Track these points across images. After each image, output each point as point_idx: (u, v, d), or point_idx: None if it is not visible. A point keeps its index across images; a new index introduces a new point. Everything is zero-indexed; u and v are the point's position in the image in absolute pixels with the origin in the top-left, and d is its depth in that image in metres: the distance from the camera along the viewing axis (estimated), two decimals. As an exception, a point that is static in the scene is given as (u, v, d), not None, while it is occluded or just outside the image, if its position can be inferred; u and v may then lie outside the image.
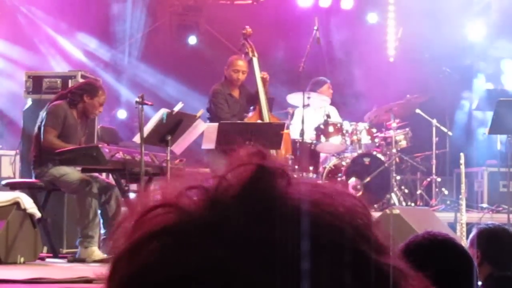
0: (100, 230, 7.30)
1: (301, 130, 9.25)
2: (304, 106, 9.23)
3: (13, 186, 7.47)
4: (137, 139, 7.20)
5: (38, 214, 7.02)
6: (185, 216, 0.71)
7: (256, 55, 9.00)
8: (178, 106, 7.58)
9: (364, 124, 10.00)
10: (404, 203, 10.02)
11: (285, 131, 8.59)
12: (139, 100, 7.11)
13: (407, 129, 10.31)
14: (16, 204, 6.84)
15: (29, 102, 8.33)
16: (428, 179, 10.70)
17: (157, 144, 7.50)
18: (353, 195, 0.77)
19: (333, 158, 9.99)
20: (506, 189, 9.59)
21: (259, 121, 8.68)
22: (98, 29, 12.41)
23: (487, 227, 3.79)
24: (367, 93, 11.72)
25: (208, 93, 8.99)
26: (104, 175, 7.87)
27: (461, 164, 8.20)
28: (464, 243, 5.06)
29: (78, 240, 7.14)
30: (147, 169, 7.11)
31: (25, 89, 8.39)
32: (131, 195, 7.36)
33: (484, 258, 3.49)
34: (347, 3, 12.47)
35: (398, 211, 7.56)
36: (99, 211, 7.24)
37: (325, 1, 12.41)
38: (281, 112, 10.05)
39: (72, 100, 7.39)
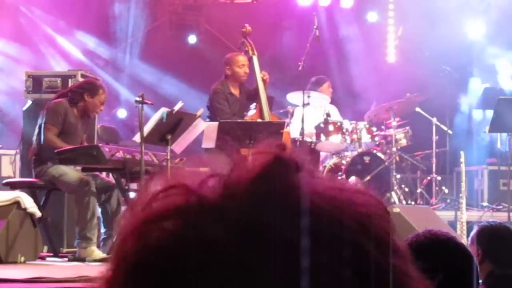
0: (100, 230, 7.30)
1: (301, 129, 9.24)
2: (304, 105, 9.22)
3: (13, 186, 7.47)
4: (137, 138, 7.20)
5: (38, 214, 7.02)
6: (193, 198, 0.73)
7: (256, 54, 8.98)
8: (178, 105, 7.57)
9: (364, 123, 9.99)
10: (404, 202, 10.03)
11: (285, 130, 8.58)
12: (139, 99, 7.11)
13: (407, 128, 10.31)
14: (16, 204, 6.84)
15: (29, 102, 8.33)
16: (428, 178, 10.70)
17: (157, 143, 7.50)
18: (373, 196, 0.76)
19: (333, 157, 9.99)
20: (506, 188, 9.60)
21: (260, 120, 8.67)
22: (98, 28, 12.41)
23: (488, 225, 3.79)
24: (367, 92, 11.72)
25: (208, 92, 8.98)
26: (104, 174, 7.86)
27: (461, 163, 8.20)
28: (465, 242, 5.05)
29: (76, 241, 7.14)
30: (147, 168, 7.10)
31: (25, 89, 8.38)
32: (131, 194, 7.36)
33: (485, 256, 3.49)
34: (347, 2, 12.46)
35: (399, 210, 7.56)
36: (100, 210, 7.24)
37: (325, 0, 12.40)
38: (281, 111, 10.04)
39: (73, 99, 7.38)
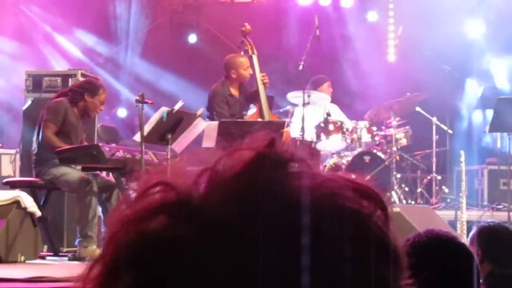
0: (101, 229, 7.30)
1: (302, 129, 9.24)
2: (304, 105, 9.22)
3: (13, 185, 7.46)
4: (138, 138, 7.20)
5: (39, 213, 7.02)
6: (183, 194, 0.73)
7: (256, 53, 8.97)
8: (179, 105, 7.57)
9: (364, 122, 9.99)
10: (405, 201, 10.03)
11: (285, 130, 8.58)
12: (139, 99, 7.11)
13: (407, 127, 10.31)
14: (16, 203, 6.84)
15: (29, 101, 8.33)
16: (429, 177, 10.70)
17: (158, 143, 7.50)
18: (362, 186, 0.77)
19: (334, 156, 9.99)
20: (506, 187, 9.59)
21: (260, 120, 8.67)
22: (98, 27, 12.40)
23: (488, 225, 3.79)
24: (367, 92, 11.72)
25: (208, 91, 8.96)
26: (105, 174, 7.86)
27: (462, 162, 8.20)
28: (465, 241, 5.05)
29: (77, 240, 7.13)
30: (148, 168, 7.09)
31: (25, 88, 8.38)
32: (132, 194, 7.35)
33: (485, 256, 3.49)
34: (347, 1, 12.45)
35: (399, 209, 7.57)
36: (100, 209, 7.24)
37: (325, -1, 12.40)
38: (281, 111, 10.04)
39: (73, 99, 7.38)
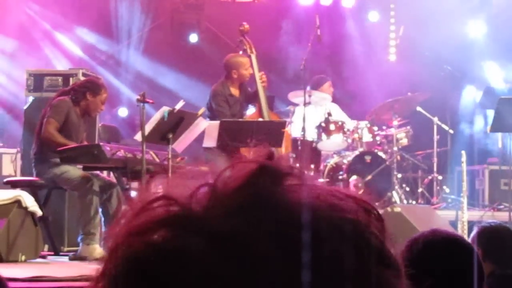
0: (102, 228, 7.30)
1: (303, 128, 9.24)
2: (305, 104, 9.22)
3: (14, 184, 7.47)
4: (138, 137, 7.20)
5: (39, 212, 7.02)
6: (184, 209, 0.73)
7: (254, 52, 8.96)
8: (180, 104, 7.57)
9: (365, 122, 10.00)
10: (406, 201, 10.03)
11: (287, 129, 8.58)
12: (140, 98, 7.11)
13: (408, 127, 10.31)
14: (17, 202, 6.84)
15: (30, 100, 8.33)
16: (429, 177, 10.70)
17: (159, 142, 7.50)
18: (362, 200, 0.76)
19: (334, 156, 9.99)
20: (507, 187, 9.58)
21: (260, 119, 8.67)
22: (99, 26, 12.40)
23: (489, 226, 3.79)
24: (368, 91, 11.72)
25: (209, 91, 8.96)
26: (105, 173, 7.87)
27: (463, 162, 8.20)
28: (466, 241, 5.05)
29: (80, 237, 7.13)
30: (149, 167, 7.10)
31: (26, 87, 8.39)
32: (132, 193, 7.36)
33: (486, 257, 3.48)
34: (348, 1, 12.45)
35: (400, 209, 7.57)
36: (100, 209, 7.24)
37: (326, -1, 12.40)
38: (282, 110, 10.05)
39: (75, 98, 7.38)
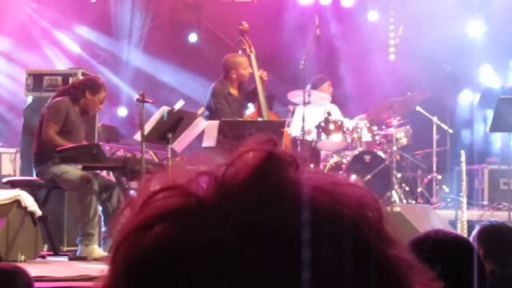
0: (101, 228, 7.30)
1: (302, 128, 9.25)
2: (305, 104, 9.22)
3: (14, 184, 7.47)
4: (138, 137, 7.20)
5: (39, 212, 7.02)
6: (192, 199, 0.71)
7: (253, 52, 8.96)
8: (179, 104, 7.58)
9: (365, 122, 10.00)
10: (405, 201, 10.03)
11: (287, 129, 8.58)
12: (140, 98, 7.11)
13: (408, 127, 10.32)
14: (17, 202, 6.83)
15: (30, 100, 8.33)
16: (429, 177, 10.70)
17: (158, 142, 7.50)
18: (362, 187, 0.76)
19: (334, 156, 9.99)
20: (507, 187, 9.59)
21: (260, 119, 8.67)
22: (98, 26, 12.40)
23: (490, 225, 3.78)
24: (368, 91, 11.72)
25: (209, 90, 8.95)
26: (105, 173, 7.86)
27: (462, 162, 8.20)
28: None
29: (79, 239, 7.13)
30: (148, 167, 7.10)
31: (26, 87, 8.39)
32: (132, 193, 7.36)
33: (487, 256, 3.48)
34: (348, 1, 12.45)
35: (399, 209, 7.57)
36: (100, 209, 7.24)
37: (326, -1, 12.40)
38: (282, 110, 10.04)
39: (75, 96, 7.38)
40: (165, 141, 7.32)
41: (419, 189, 10.68)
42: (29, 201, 6.92)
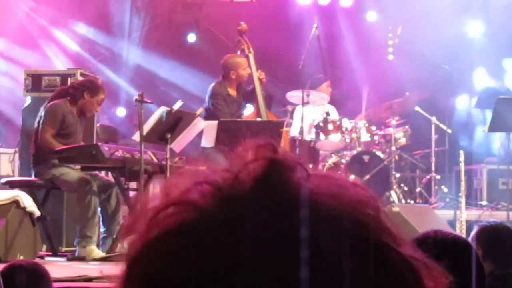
0: (100, 229, 7.29)
1: (301, 128, 9.24)
2: (304, 104, 9.22)
3: (12, 185, 7.46)
4: (137, 137, 7.20)
5: (38, 213, 7.01)
6: (200, 214, 0.70)
7: (252, 52, 8.96)
8: (178, 104, 7.58)
9: (363, 122, 10.00)
10: (404, 201, 10.03)
11: (285, 129, 8.57)
12: (139, 98, 7.11)
13: (407, 127, 10.32)
14: (16, 203, 6.83)
15: (28, 100, 8.33)
16: (428, 177, 10.70)
17: (157, 142, 7.50)
18: (364, 187, 0.76)
19: (333, 156, 9.99)
20: (505, 187, 9.60)
21: (258, 119, 8.67)
22: (97, 25, 12.39)
23: (489, 225, 3.78)
24: (367, 91, 11.71)
25: (207, 92, 8.95)
26: (104, 173, 7.86)
27: (461, 162, 8.20)
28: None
29: (77, 239, 7.13)
30: (147, 167, 7.10)
31: (24, 87, 8.39)
32: (131, 193, 7.36)
33: (486, 256, 3.48)
34: (347, 1, 12.45)
35: (398, 209, 7.57)
36: (99, 209, 7.23)
37: (324, -1, 12.40)
38: (281, 110, 10.04)
39: (73, 96, 7.38)
40: (164, 142, 7.32)
41: (418, 189, 10.68)
42: (28, 202, 6.91)
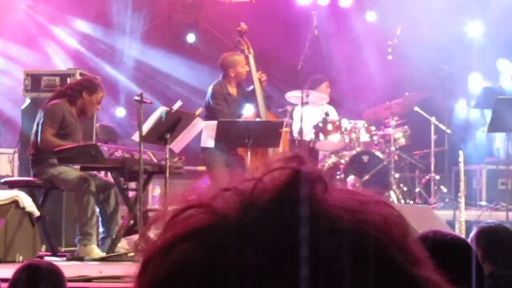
0: (99, 229, 7.29)
1: (300, 128, 9.24)
2: (303, 104, 9.22)
3: (12, 185, 7.46)
4: (136, 137, 7.19)
5: (37, 213, 7.01)
6: (219, 218, 0.70)
7: (252, 52, 8.96)
8: (177, 104, 7.57)
9: (363, 122, 10.00)
10: (403, 201, 10.03)
11: (285, 129, 8.57)
12: (138, 99, 7.11)
13: (406, 127, 10.32)
14: (15, 203, 6.83)
15: (28, 100, 8.33)
16: (427, 177, 10.70)
17: (156, 142, 7.50)
18: (390, 205, 0.76)
19: (332, 156, 9.99)
20: (505, 187, 9.60)
21: (258, 119, 8.66)
22: (97, 22, 12.39)
23: (488, 226, 3.78)
24: (366, 91, 11.72)
25: (208, 92, 8.94)
26: (103, 174, 7.86)
27: (460, 162, 8.20)
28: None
29: (77, 238, 7.13)
30: (146, 167, 7.10)
31: (24, 87, 8.39)
32: (130, 193, 7.36)
33: (485, 257, 3.48)
34: (346, 1, 12.45)
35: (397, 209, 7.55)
36: (98, 209, 7.23)
37: (324, -1, 12.40)
38: (280, 110, 10.04)
39: (72, 97, 7.37)
40: (163, 142, 7.32)
41: (417, 190, 10.68)
42: (27, 202, 6.92)
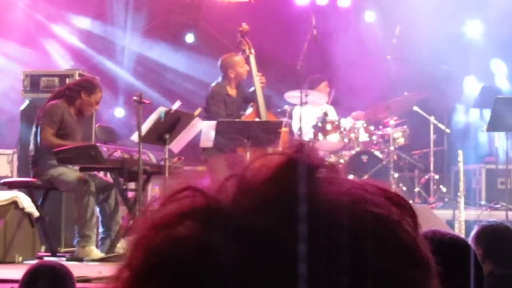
0: (98, 229, 7.29)
1: (299, 128, 9.24)
2: (302, 104, 9.22)
3: (11, 185, 7.46)
4: (135, 138, 7.19)
5: (36, 213, 7.01)
6: (209, 201, 0.72)
7: (253, 52, 8.97)
8: (176, 105, 7.57)
9: (362, 122, 10.00)
10: (402, 201, 10.01)
11: (284, 129, 8.57)
12: (137, 99, 7.11)
13: (405, 127, 10.32)
14: (14, 203, 6.83)
15: (27, 101, 8.33)
16: (426, 177, 10.70)
17: (155, 143, 7.49)
18: (397, 194, 0.76)
19: (331, 156, 9.98)
20: (504, 186, 9.60)
21: (257, 119, 8.66)
22: (96, 24, 12.39)
23: (489, 225, 3.78)
24: (365, 91, 11.72)
25: (207, 93, 8.95)
26: (102, 174, 7.85)
27: (459, 162, 8.20)
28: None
29: (76, 240, 7.13)
30: (145, 168, 7.10)
31: (23, 88, 8.39)
32: (130, 194, 7.36)
33: (486, 256, 3.48)
34: (345, 1, 12.45)
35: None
36: (98, 209, 7.23)
37: (323, -1, 12.40)
38: (279, 110, 10.04)
39: (70, 97, 7.37)
40: (162, 142, 7.32)
41: (417, 189, 10.68)
42: (27, 202, 6.92)
